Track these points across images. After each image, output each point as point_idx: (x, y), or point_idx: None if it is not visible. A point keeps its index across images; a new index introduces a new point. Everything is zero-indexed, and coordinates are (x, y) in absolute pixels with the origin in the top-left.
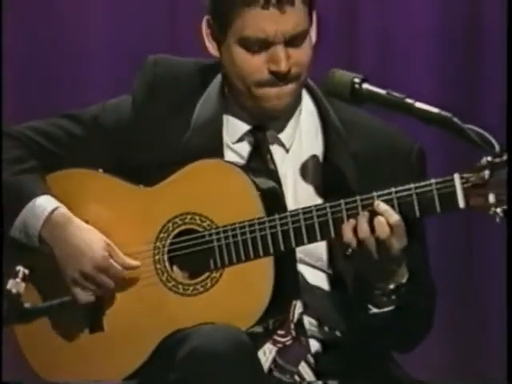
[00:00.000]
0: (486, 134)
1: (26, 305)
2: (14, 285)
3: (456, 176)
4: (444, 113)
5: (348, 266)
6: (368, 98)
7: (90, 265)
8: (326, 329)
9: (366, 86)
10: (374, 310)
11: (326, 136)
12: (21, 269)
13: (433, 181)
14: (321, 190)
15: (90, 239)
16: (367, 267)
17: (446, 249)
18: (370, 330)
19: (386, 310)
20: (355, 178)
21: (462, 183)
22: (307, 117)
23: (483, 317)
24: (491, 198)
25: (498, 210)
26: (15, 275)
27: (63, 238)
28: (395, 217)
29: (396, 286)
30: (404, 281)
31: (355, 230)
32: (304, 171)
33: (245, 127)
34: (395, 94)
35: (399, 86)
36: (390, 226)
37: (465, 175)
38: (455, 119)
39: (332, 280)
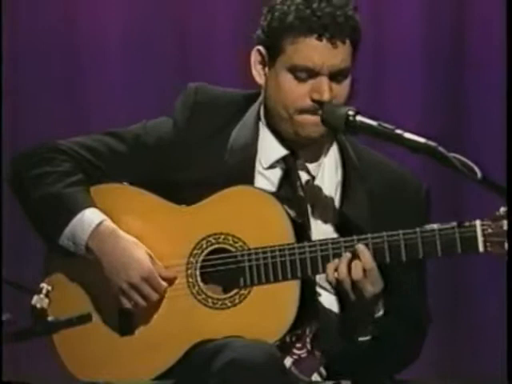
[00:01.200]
0: (469, 162)
1: (50, 318)
2: (39, 300)
3: (478, 223)
4: (430, 142)
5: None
6: (361, 129)
7: (137, 276)
8: (334, 345)
9: (359, 118)
10: (356, 338)
11: (345, 171)
12: (44, 286)
13: (454, 224)
14: (336, 222)
15: (136, 251)
16: (346, 303)
17: None
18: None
19: (363, 339)
20: (369, 213)
21: (483, 230)
22: (330, 151)
23: (483, 316)
24: (506, 246)
25: None
26: (39, 291)
27: (110, 250)
28: (370, 263)
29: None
30: (380, 314)
31: (336, 270)
32: (324, 201)
33: (277, 154)
34: (386, 125)
35: (394, 94)
36: (364, 270)
37: (485, 222)
38: (440, 148)
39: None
